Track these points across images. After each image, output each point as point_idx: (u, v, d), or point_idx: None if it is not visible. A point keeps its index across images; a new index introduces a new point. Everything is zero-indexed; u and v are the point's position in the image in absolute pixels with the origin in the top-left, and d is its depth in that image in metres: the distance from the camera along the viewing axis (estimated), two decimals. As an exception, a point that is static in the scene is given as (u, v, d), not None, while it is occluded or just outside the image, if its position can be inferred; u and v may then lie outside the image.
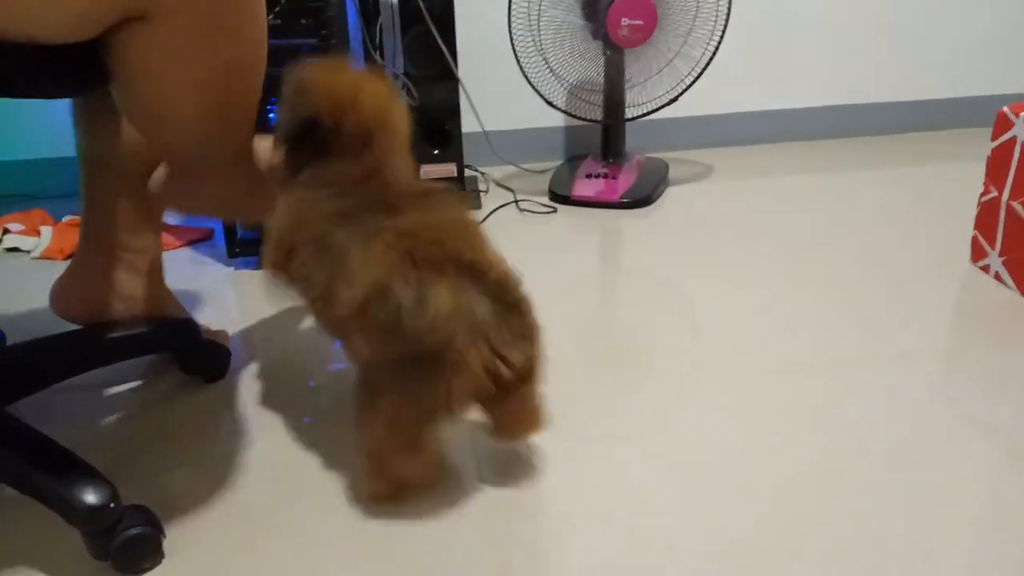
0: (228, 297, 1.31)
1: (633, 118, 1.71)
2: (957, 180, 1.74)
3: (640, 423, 0.90)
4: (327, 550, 0.72)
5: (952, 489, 0.77)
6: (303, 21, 1.52)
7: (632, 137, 1.80)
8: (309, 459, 0.86)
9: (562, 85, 1.71)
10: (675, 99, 1.67)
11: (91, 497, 0.66)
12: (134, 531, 0.67)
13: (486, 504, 0.77)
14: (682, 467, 0.82)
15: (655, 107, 1.69)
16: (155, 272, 1.03)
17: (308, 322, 1.19)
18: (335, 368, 1.05)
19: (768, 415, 0.91)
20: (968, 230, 1.30)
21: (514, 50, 1.63)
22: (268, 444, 0.89)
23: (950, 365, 1.00)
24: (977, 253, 1.28)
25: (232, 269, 1.42)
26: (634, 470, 0.82)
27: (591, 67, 1.69)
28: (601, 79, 1.70)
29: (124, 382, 1.03)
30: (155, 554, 0.70)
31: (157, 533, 0.69)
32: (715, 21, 1.62)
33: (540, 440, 0.88)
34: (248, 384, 1.02)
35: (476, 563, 0.70)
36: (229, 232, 1.40)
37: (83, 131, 0.95)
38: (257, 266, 1.42)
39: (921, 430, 0.87)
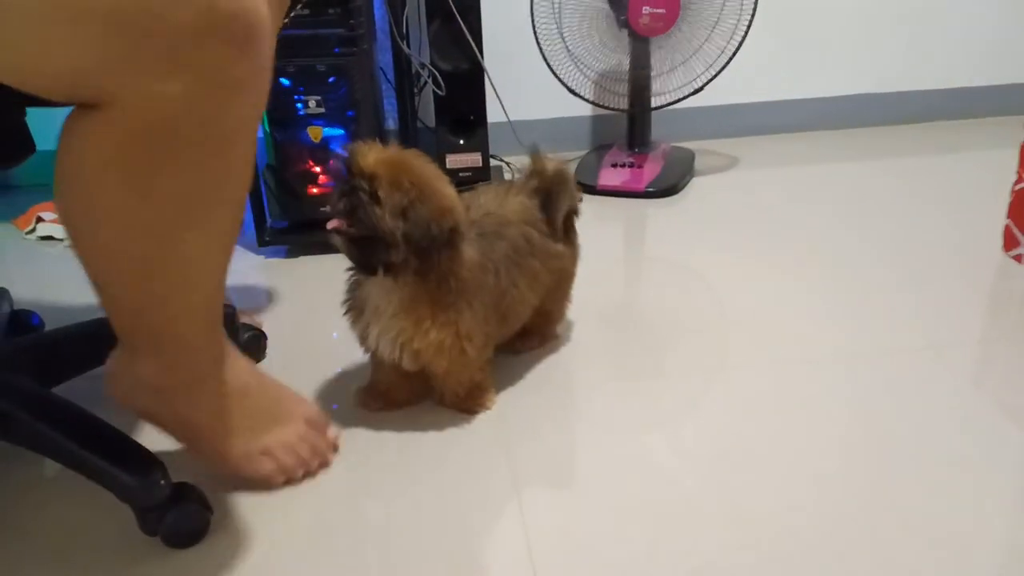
0: (258, 285, 1.33)
1: (659, 107, 1.71)
2: (988, 169, 1.72)
3: (666, 411, 0.91)
4: (361, 531, 0.73)
5: (984, 478, 0.77)
6: (331, 11, 1.52)
7: (658, 126, 1.80)
8: (339, 443, 0.87)
9: (587, 74, 1.71)
10: (699, 90, 1.67)
11: (143, 474, 0.67)
12: (184, 507, 0.69)
13: (515, 492, 0.78)
14: (709, 455, 0.82)
15: (680, 96, 1.68)
16: None
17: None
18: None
19: (796, 405, 0.91)
20: (1000, 219, 1.29)
21: (537, 39, 1.63)
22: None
23: (982, 354, 1.00)
24: (1010, 242, 1.27)
25: (262, 258, 1.43)
26: (660, 457, 0.82)
27: (617, 56, 1.69)
28: (627, 68, 1.69)
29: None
30: (203, 530, 0.71)
31: (205, 510, 0.71)
32: (741, 12, 1.61)
33: (567, 427, 0.88)
34: (279, 370, 1.03)
35: (506, 550, 0.71)
36: (259, 221, 1.42)
37: None
38: (286, 254, 1.43)
39: (953, 420, 0.87)
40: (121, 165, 0.57)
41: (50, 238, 1.53)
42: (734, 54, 1.63)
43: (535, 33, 1.63)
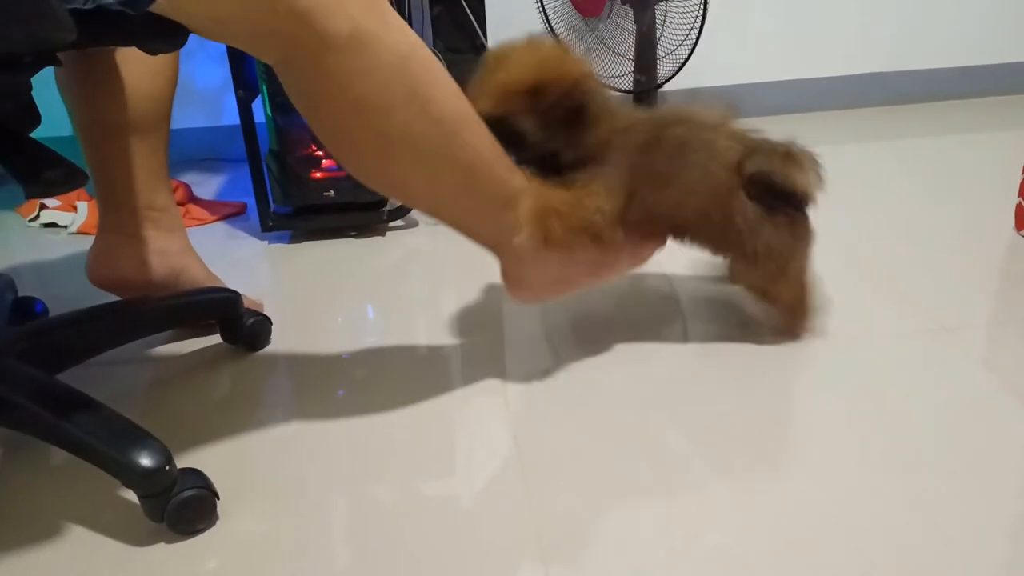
0: (262, 270, 1.32)
1: (657, 87, 1.69)
2: (999, 148, 1.70)
3: (674, 390, 0.90)
4: (367, 514, 0.73)
5: (994, 460, 0.76)
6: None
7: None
8: (344, 429, 0.86)
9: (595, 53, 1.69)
10: (675, 73, 1.65)
11: (148, 460, 0.67)
12: (190, 493, 0.68)
13: (523, 474, 0.78)
14: (717, 435, 0.82)
15: (664, 79, 1.67)
16: (179, 228, 1.05)
17: (341, 296, 1.20)
18: (367, 341, 1.06)
19: (804, 385, 0.90)
20: (1011, 199, 1.28)
21: (544, 10, 1.62)
22: (306, 414, 0.90)
23: (994, 334, 0.99)
24: (1022, 222, 1.25)
25: (266, 243, 1.43)
26: (670, 438, 0.82)
27: (623, 34, 1.67)
28: (632, 48, 1.68)
29: (167, 352, 1.05)
30: (210, 515, 0.71)
31: (211, 495, 0.71)
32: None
33: (574, 406, 0.88)
34: (284, 356, 1.03)
35: (514, 534, 0.70)
36: (262, 206, 1.41)
37: (79, 99, 0.96)
38: (290, 240, 1.43)
39: (964, 401, 0.86)
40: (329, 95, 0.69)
41: (53, 225, 1.53)
42: (696, 40, 1.60)
43: (543, 7, 1.61)
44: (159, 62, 0.97)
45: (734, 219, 0.89)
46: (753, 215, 0.89)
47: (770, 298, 0.97)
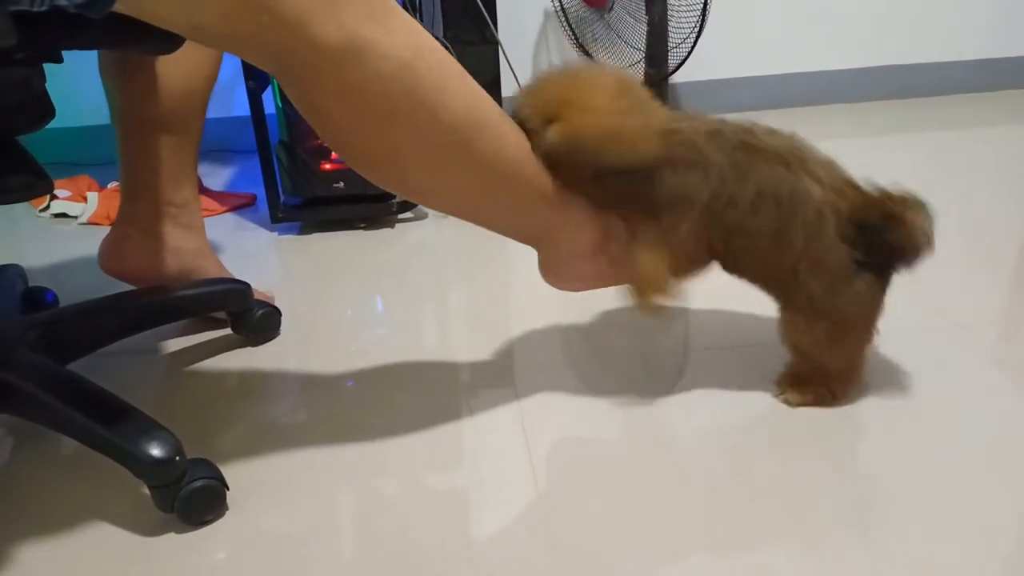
0: (271, 262, 1.32)
1: (664, 77, 1.68)
2: (1014, 142, 1.69)
3: (683, 386, 0.90)
4: (376, 508, 0.73)
5: (1006, 457, 0.76)
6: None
7: (677, 99, 1.78)
8: (353, 420, 0.86)
9: (604, 42, 1.68)
10: (680, 65, 1.64)
11: (158, 450, 0.67)
12: (200, 483, 0.69)
13: (532, 469, 0.78)
14: (724, 429, 0.81)
15: (672, 68, 1.66)
16: (198, 226, 1.05)
17: (350, 288, 1.20)
18: (376, 333, 1.06)
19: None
20: (1025, 193, 1.27)
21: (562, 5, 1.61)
22: (315, 405, 0.90)
23: (1007, 331, 0.98)
24: (1036, 216, 1.24)
25: (275, 234, 1.43)
26: (679, 432, 0.81)
27: (635, 24, 1.66)
28: (640, 39, 1.67)
29: (177, 343, 1.05)
30: (219, 506, 0.71)
31: (221, 485, 0.71)
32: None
33: (583, 401, 0.87)
34: (293, 347, 1.03)
35: (522, 526, 0.70)
36: (272, 198, 1.41)
37: (116, 89, 0.96)
38: (299, 231, 1.43)
39: (977, 398, 0.85)
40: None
41: (64, 215, 1.53)
42: (699, 31, 1.59)
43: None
44: (196, 60, 0.96)
45: (813, 270, 0.77)
46: (840, 268, 0.76)
47: (814, 362, 0.83)
